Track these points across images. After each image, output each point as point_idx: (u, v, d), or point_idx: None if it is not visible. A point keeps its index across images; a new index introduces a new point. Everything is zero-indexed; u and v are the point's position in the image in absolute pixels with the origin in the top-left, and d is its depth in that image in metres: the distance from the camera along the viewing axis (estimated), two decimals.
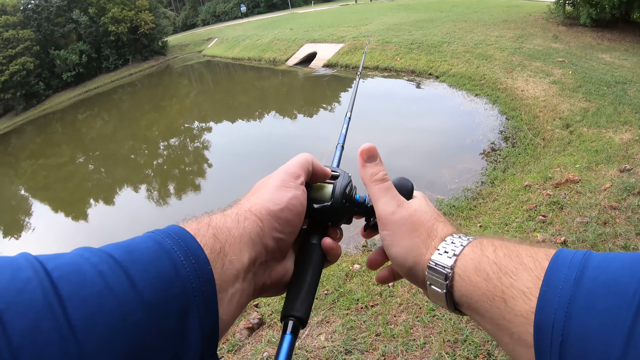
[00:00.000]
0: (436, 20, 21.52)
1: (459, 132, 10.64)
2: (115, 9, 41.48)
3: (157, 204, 11.17)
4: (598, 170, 6.17)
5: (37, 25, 39.75)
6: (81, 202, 13.10)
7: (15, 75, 36.32)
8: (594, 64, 12.45)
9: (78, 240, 10.16)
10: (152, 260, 0.50)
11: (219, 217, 0.64)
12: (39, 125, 31.21)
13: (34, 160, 21.10)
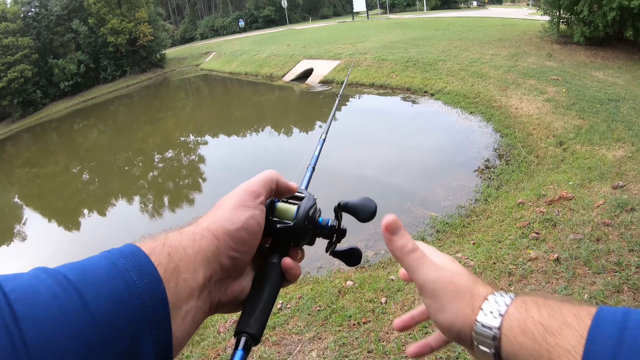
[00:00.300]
0: (432, 39, 21.70)
1: (453, 149, 10.70)
2: (115, 20, 41.67)
3: (150, 217, 11.13)
4: (591, 187, 6.20)
5: (36, 34, 39.86)
6: (75, 212, 13.05)
7: (13, 82, 36.35)
8: (588, 81, 12.56)
9: (70, 251, 10.11)
10: (105, 280, 0.51)
11: (175, 235, 0.65)
12: (35, 134, 31.18)
13: (28, 169, 21.01)
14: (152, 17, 46.90)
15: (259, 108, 21.55)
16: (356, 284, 4.79)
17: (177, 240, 0.64)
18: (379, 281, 4.77)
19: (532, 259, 4.43)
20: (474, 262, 4.63)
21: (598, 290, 3.65)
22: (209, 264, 0.64)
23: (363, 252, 5.46)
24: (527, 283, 4.03)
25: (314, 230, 0.82)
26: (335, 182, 9.94)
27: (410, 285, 4.50)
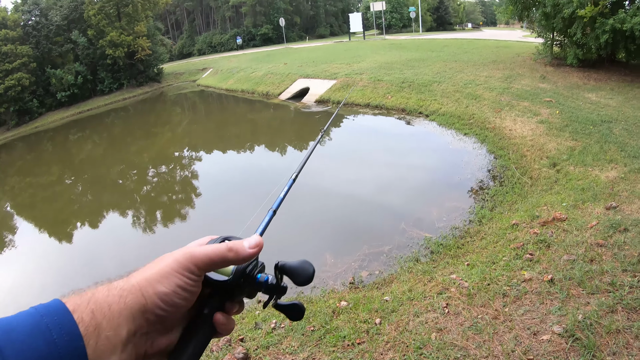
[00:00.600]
0: (427, 60, 21.92)
1: (447, 170, 10.76)
2: (114, 32, 41.81)
3: (142, 231, 11.04)
4: (584, 208, 6.24)
5: (35, 42, 39.87)
6: (66, 223, 12.89)
7: (10, 90, 36.28)
8: (581, 103, 12.69)
9: (60, 263, 10.12)
10: (26, 340, 0.55)
11: (102, 291, 0.66)
12: (30, 143, 31.11)
13: (21, 177, 20.86)
14: (151, 32, 47.14)
15: (255, 125, 21.63)
16: (350, 305, 4.78)
17: (104, 296, 0.65)
18: (373, 302, 4.76)
19: (526, 280, 4.44)
20: (468, 283, 4.64)
21: (592, 310, 3.66)
22: (133, 320, 0.66)
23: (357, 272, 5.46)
24: (522, 304, 4.03)
25: (251, 287, 0.81)
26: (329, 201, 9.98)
27: (404, 306, 4.50)
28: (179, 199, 13.27)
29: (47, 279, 9.28)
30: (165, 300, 0.68)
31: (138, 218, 12.06)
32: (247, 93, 28.94)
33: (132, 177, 16.50)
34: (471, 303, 4.21)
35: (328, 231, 8.53)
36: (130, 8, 43.61)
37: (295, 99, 23.26)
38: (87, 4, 42.25)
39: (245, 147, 17.96)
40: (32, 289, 8.86)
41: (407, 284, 5.21)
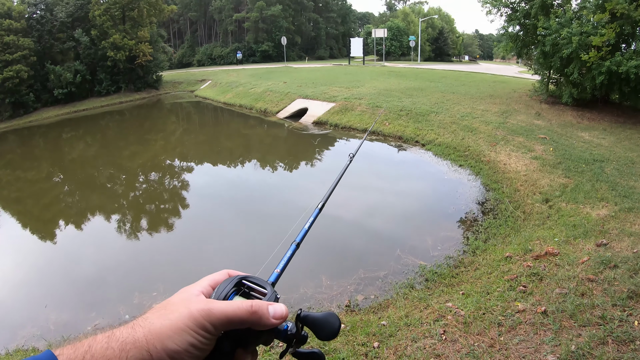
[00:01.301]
0: (425, 90, 22.28)
1: (442, 200, 10.92)
2: (117, 35, 41.66)
3: (127, 236, 10.95)
4: (576, 244, 6.43)
5: (38, 36, 39.50)
6: (51, 222, 12.77)
7: (8, 81, 35.91)
8: (574, 141, 12.99)
9: (39, 261, 10.03)
10: None
11: (101, 344, 0.64)
12: (22, 137, 30.95)
13: (10, 171, 20.62)
14: (154, 38, 47.06)
15: (248, 141, 21.77)
16: (347, 327, 4.89)
17: (102, 349, 0.63)
18: (370, 325, 4.88)
19: (520, 310, 4.60)
20: (464, 311, 4.78)
21: (584, 342, 3.82)
22: None
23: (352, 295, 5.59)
24: (517, 334, 4.19)
25: (269, 335, 0.78)
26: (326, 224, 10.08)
27: (402, 331, 4.63)
28: (165, 207, 13.20)
29: (24, 275, 9.21)
30: (174, 358, 0.65)
31: (123, 223, 11.98)
32: (245, 108, 29.00)
33: (121, 182, 16.43)
34: (467, 331, 4.36)
35: (324, 253, 8.63)
36: (136, 12, 43.70)
37: (293, 118, 23.38)
38: (93, 4, 42.18)
39: (237, 162, 18.05)
40: (11, 285, 8.80)
41: (403, 310, 5.34)
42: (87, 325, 6.68)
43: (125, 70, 43.91)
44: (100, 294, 7.96)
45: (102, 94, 43.45)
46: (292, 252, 1.00)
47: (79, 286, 8.41)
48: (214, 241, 9.83)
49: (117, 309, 7.15)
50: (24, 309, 7.74)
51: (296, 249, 1.02)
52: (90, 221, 12.46)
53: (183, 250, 9.67)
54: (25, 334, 6.70)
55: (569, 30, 14.33)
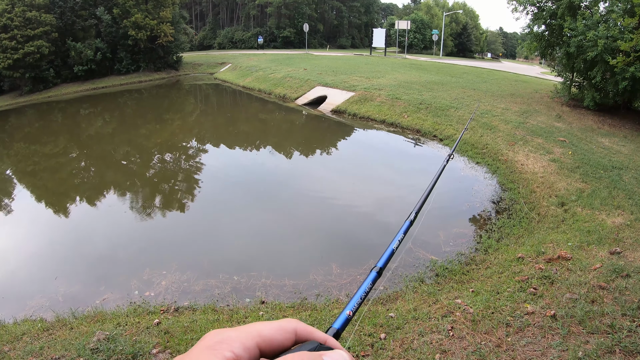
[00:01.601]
0: (446, 84, 22.12)
1: (457, 196, 10.87)
2: (139, 15, 41.93)
3: (143, 215, 11.02)
4: (589, 250, 6.39)
5: (60, 13, 39.79)
6: (65, 196, 12.97)
7: (29, 56, 36.36)
8: (594, 146, 12.84)
9: (52, 234, 10.23)
10: None
11: None
12: (41, 111, 31.36)
13: (27, 144, 20.98)
14: (176, 19, 47.30)
15: (265, 125, 21.87)
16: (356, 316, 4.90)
17: None
18: (378, 316, 4.90)
19: (529, 312, 4.59)
20: (473, 309, 4.78)
21: (592, 349, 3.81)
22: None
23: None
24: (524, 335, 4.19)
25: None
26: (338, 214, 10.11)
27: (409, 324, 4.65)
28: (179, 187, 13.27)
29: (37, 247, 9.39)
30: None
31: (137, 201, 12.09)
32: (264, 93, 29.03)
33: (137, 160, 16.58)
34: (475, 329, 4.36)
35: (335, 242, 8.68)
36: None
37: (312, 105, 23.41)
38: None
39: (253, 146, 18.08)
40: (24, 256, 8.97)
41: (412, 303, 5.35)
42: (95, 299, 6.77)
43: (146, 49, 44.15)
44: (110, 269, 8.08)
45: (122, 73, 43.81)
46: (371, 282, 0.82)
47: (90, 260, 8.54)
48: (227, 223, 9.90)
49: (128, 283, 7.24)
50: (35, 280, 7.87)
51: (377, 277, 0.85)
52: (105, 197, 12.62)
53: (196, 230, 9.79)
54: (34, 304, 6.82)
55: (595, 33, 14.10)
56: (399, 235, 1.02)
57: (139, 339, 4.62)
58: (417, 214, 1.13)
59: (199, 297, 6.53)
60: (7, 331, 5.42)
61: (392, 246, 0.96)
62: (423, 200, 1.17)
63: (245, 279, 7.03)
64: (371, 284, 0.81)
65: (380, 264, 0.89)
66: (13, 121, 28.68)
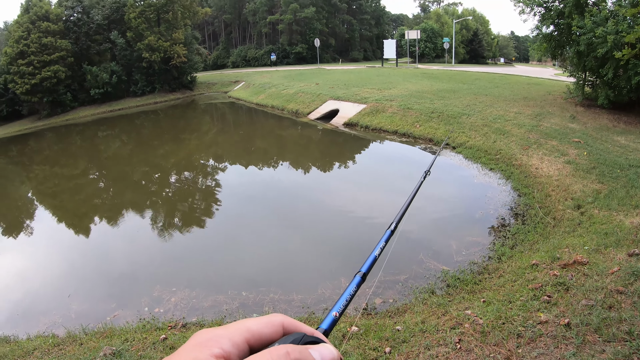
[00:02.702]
0: (458, 92, 21.94)
1: (470, 204, 10.68)
2: (152, 37, 42.95)
3: (159, 233, 11.10)
4: (606, 253, 6.14)
5: (75, 38, 41.19)
6: (85, 216, 13.22)
7: (46, 81, 37.57)
8: (609, 146, 12.53)
9: (72, 253, 10.47)
10: None
11: None
12: (60, 134, 32.09)
13: (47, 166, 21.60)
14: (188, 40, 48.23)
15: (281, 141, 21.91)
16: (361, 330, 4.76)
17: None
18: (384, 330, 4.74)
19: (542, 322, 4.38)
20: (482, 320, 4.59)
21: (607, 358, 3.60)
22: None
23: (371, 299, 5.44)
24: (536, 346, 3.98)
25: None
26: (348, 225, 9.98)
27: (416, 337, 4.47)
28: (196, 206, 13.36)
29: (54, 267, 9.72)
30: None
31: (156, 221, 12.20)
32: (277, 109, 29.17)
33: (156, 180, 16.74)
34: (484, 341, 4.17)
35: (344, 254, 8.54)
36: (170, 15, 44.77)
37: (324, 119, 23.37)
38: (129, 7, 43.51)
39: (269, 162, 18.11)
40: (42, 275, 9.32)
41: (420, 315, 5.18)
42: (107, 315, 6.93)
43: (160, 71, 44.88)
44: (122, 286, 8.27)
45: (138, 94, 44.65)
46: (356, 286, 0.83)
47: (103, 278, 8.74)
48: (244, 242, 9.83)
49: (138, 300, 7.37)
50: (50, 297, 8.16)
51: (361, 282, 0.86)
52: (122, 217, 12.84)
53: (211, 248, 9.86)
54: (47, 321, 7.05)
55: (604, 29, 13.81)
56: (380, 243, 1.01)
57: (145, 354, 4.69)
58: (397, 224, 1.18)
59: (207, 313, 6.57)
60: (19, 346, 5.66)
61: (375, 253, 0.97)
62: (401, 214, 1.24)
63: (253, 295, 6.99)
64: (356, 287, 0.82)
65: (363, 269, 0.89)
66: (33, 144, 29.40)
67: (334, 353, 0.56)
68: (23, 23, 38.00)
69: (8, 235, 12.55)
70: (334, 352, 0.56)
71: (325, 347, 0.56)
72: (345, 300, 0.77)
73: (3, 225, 13.55)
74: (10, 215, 14.51)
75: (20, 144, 30.00)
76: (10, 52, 37.13)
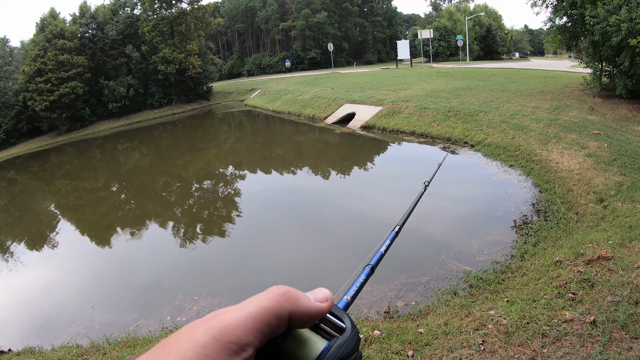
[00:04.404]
0: (474, 89, 21.76)
1: (491, 202, 10.57)
2: (167, 50, 43.54)
3: (181, 242, 11.23)
4: (631, 247, 6.02)
5: (91, 54, 42.12)
6: (108, 228, 13.45)
7: (64, 97, 38.54)
8: (630, 136, 12.33)
9: (97, 265, 10.67)
10: None
11: None
12: (79, 148, 32.72)
13: (69, 181, 22.13)
14: (203, 51, 48.81)
15: (299, 147, 21.95)
16: (383, 334, 4.74)
17: None
18: (407, 333, 4.71)
19: (567, 320, 4.31)
20: (506, 320, 4.53)
21: (635, 356, 3.53)
22: None
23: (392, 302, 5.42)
24: (561, 346, 3.92)
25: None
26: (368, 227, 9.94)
27: (439, 340, 4.43)
28: (218, 214, 13.44)
29: (77, 278, 9.98)
30: None
31: (178, 230, 12.33)
32: (293, 115, 29.25)
33: (176, 190, 16.92)
34: (508, 342, 4.12)
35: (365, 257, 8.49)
36: (184, 27, 45.35)
37: (341, 123, 23.35)
38: (142, 21, 44.18)
39: (289, 168, 18.15)
40: (66, 286, 9.60)
41: (443, 318, 5.13)
42: (129, 325, 7.04)
43: (176, 82, 45.43)
44: (145, 296, 8.43)
45: (155, 106, 45.26)
46: (365, 276, 0.85)
47: (126, 288, 8.94)
48: (266, 250, 9.86)
49: (161, 309, 7.46)
50: (74, 308, 8.34)
51: (371, 273, 0.88)
52: (147, 228, 13.01)
53: (233, 256, 9.89)
54: (71, 331, 7.20)
55: (618, 17, 13.59)
56: (387, 242, 1.04)
57: None
58: (401, 227, 1.18)
59: None
60: (44, 357, 5.80)
61: (382, 250, 0.99)
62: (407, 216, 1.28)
63: None
64: (365, 277, 0.84)
65: (372, 262, 0.91)
66: (54, 159, 30.00)
67: (326, 291, 0.57)
68: (39, 42, 38.94)
69: (33, 249, 12.86)
70: (326, 291, 0.57)
71: (318, 289, 0.57)
72: (356, 289, 0.77)
73: (28, 239, 13.84)
74: (34, 229, 14.81)
75: (41, 160, 30.66)
76: (28, 71, 38.05)
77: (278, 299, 0.51)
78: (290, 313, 0.51)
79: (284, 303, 0.51)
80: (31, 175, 26.32)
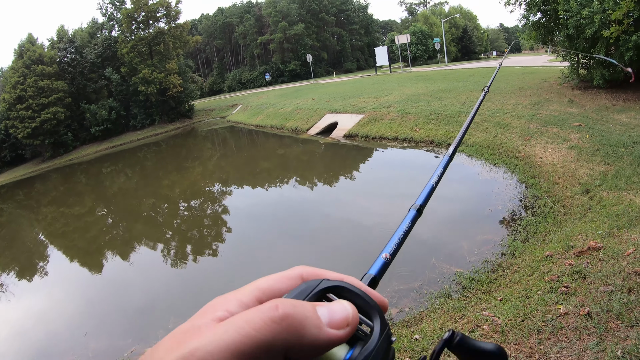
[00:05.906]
0: (454, 91, 21.88)
1: (478, 202, 10.58)
2: (146, 70, 43.54)
3: (172, 263, 11.17)
4: (620, 235, 6.03)
5: (71, 78, 42.01)
6: (97, 253, 13.35)
7: (46, 123, 38.42)
8: (611, 125, 12.41)
9: (88, 292, 10.57)
10: None
11: None
12: (64, 174, 32.60)
13: (55, 207, 21.93)
14: (182, 69, 48.81)
15: (284, 160, 21.90)
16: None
17: None
18: (402, 341, 4.66)
19: (562, 314, 4.28)
20: (501, 319, 4.50)
21: (632, 344, 3.49)
22: None
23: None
24: (558, 340, 3.88)
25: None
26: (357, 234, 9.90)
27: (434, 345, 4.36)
28: (207, 233, 13.35)
29: (73, 307, 9.80)
30: None
31: (168, 251, 12.23)
32: (276, 129, 29.23)
33: (164, 211, 16.80)
34: (504, 341, 4.08)
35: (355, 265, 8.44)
36: (162, 47, 45.38)
37: (324, 133, 23.34)
38: (120, 42, 44.23)
39: (275, 181, 18.07)
40: (58, 315, 9.45)
41: (437, 322, 5.08)
42: (124, 352, 6.98)
43: (158, 102, 45.41)
44: (138, 321, 8.35)
45: (137, 128, 45.25)
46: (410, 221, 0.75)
47: (119, 313, 8.82)
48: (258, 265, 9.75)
49: (154, 334, 7.43)
50: (67, 337, 8.27)
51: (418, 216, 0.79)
52: (136, 251, 12.90)
53: (225, 274, 9.86)
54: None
55: (590, 10, 13.76)
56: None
57: None
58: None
59: None
60: None
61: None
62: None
63: None
64: (410, 222, 0.75)
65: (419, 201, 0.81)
66: (39, 187, 29.87)
67: (348, 309, 0.45)
68: (18, 68, 38.80)
69: (23, 278, 12.70)
70: (348, 309, 0.45)
71: (338, 303, 0.46)
72: (398, 239, 0.71)
73: (17, 269, 13.69)
74: (23, 258, 14.68)
75: (26, 188, 30.49)
76: (8, 98, 37.90)
77: (272, 328, 0.39)
78: (287, 347, 0.39)
79: (279, 334, 0.39)
80: (17, 204, 26.14)
